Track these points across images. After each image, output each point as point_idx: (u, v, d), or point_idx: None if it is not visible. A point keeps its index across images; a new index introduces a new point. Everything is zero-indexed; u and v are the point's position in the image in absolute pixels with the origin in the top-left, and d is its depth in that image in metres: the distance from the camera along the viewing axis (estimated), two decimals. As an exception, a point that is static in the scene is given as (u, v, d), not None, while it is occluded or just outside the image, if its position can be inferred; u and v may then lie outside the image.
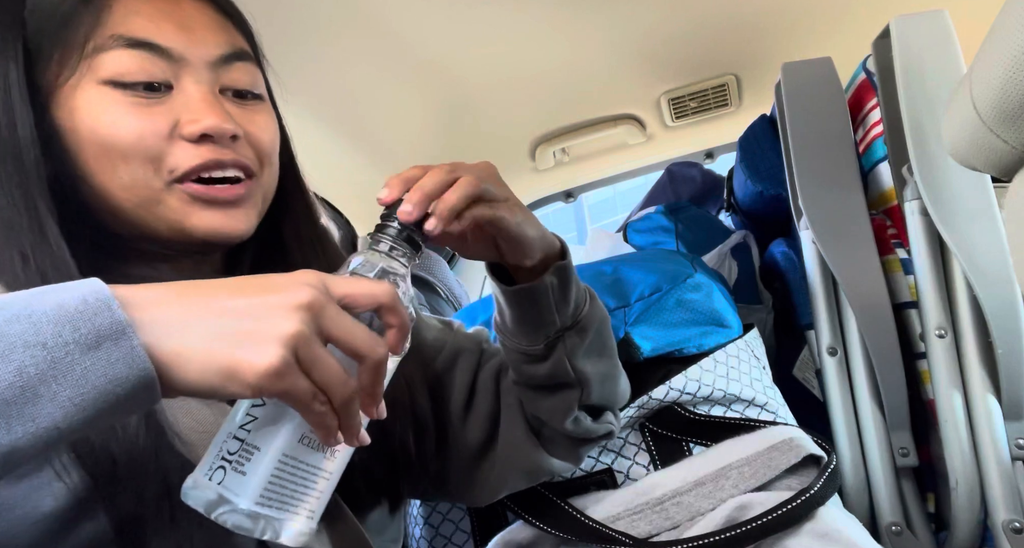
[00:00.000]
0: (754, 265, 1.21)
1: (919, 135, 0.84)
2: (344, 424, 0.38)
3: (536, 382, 0.61)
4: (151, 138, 0.48)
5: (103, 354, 0.31)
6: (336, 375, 0.36)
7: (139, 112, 0.48)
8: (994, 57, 0.43)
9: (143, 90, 0.48)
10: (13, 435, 0.29)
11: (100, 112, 0.47)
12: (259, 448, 0.38)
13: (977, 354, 0.83)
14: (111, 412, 0.32)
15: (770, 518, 0.67)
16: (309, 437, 0.40)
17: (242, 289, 0.36)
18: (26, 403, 0.30)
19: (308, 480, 0.41)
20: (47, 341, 0.31)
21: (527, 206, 0.57)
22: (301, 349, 0.35)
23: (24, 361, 0.30)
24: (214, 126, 0.49)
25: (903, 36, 0.87)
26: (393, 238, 0.45)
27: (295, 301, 0.35)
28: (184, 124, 0.49)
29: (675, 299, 0.87)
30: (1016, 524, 0.79)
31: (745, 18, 1.19)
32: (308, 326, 0.35)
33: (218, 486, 0.37)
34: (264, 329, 0.34)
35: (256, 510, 0.37)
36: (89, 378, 0.31)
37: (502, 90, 1.28)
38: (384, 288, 0.40)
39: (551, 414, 0.62)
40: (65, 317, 0.31)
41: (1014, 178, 0.48)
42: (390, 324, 0.41)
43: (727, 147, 1.63)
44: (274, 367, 0.34)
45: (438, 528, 0.85)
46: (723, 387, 0.83)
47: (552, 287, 0.56)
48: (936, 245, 0.87)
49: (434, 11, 1.01)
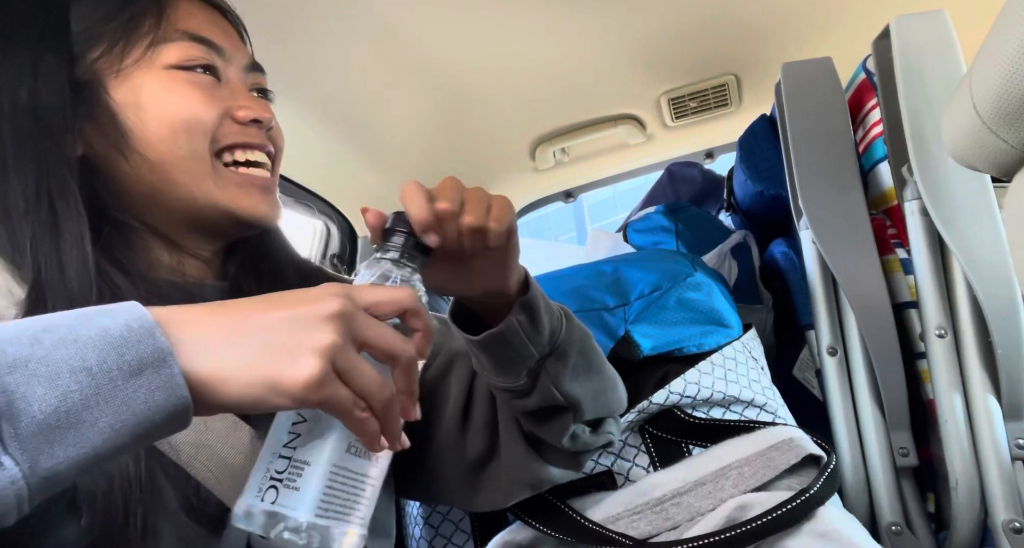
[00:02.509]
0: (754, 265, 1.21)
1: (919, 135, 0.83)
2: (386, 428, 0.40)
3: (528, 411, 0.60)
4: (210, 113, 0.54)
5: (144, 381, 0.32)
6: (374, 380, 0.38)
7: (201, 92, 0.54)
8: (994, 57, 0.43)
9: (204, 74, 0.55)
10: (54, 460, 0.30)
11: (168, 90, 0.53)
12: (309, 462, 0.39)
13: (977, 354, 0.83)
14: (145, 438, 0.33)
15: (770, 518, 0.67)
16: (355, 445, 0.41)
17: (274, 305, 0.37)
18: (69, 428, 0.30)
19: (358, 488, 0.42)
20: (92, 366, 0.31)
21: (527, 206, 0.57)
22: (338, 358, 0.36)
23: (70, 386, 0.30)
24: (262, 113, 0.57)
25: (903, 36, 0.86)
26: (402, 246, 0.45)
27: (326, 311, 0.37)
28: (236, 109, 0.56)
29: (675, 298, 0.87)
30: (1016, 524, 0.79)
31: (745, 18, 1.19)
32: (342, 335, 0.36)
33: (272, 505, 0.38)
34: (301, 341, 0.35)
35: (315, 522, 0.38)
36: (130, 405, 0.32)
37: (502, 90, 1.28)
38: (407, 293, 0.41)
39: (548, 435, 0.61)
40: (110, 343, 0.32)
41: (1014, 178, 0.48)
42: (415, 328, 0.42)
43: (727, 147, 1.63)
44: (315, 378, 0.35)
45: (438, 528, 0.85)
46: (722, 389, 0.83)
47: (521, 325, 0.55)
48: (936, 245, 0.87)
49: (434, 11, 1.01)
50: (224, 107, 0.55)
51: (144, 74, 0.53)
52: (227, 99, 0.56)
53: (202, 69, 0.55)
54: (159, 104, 0.53)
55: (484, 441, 0.65)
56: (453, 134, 1.39)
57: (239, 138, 0.56)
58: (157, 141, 0.53)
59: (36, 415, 0.29)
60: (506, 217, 0.48)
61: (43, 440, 0.30)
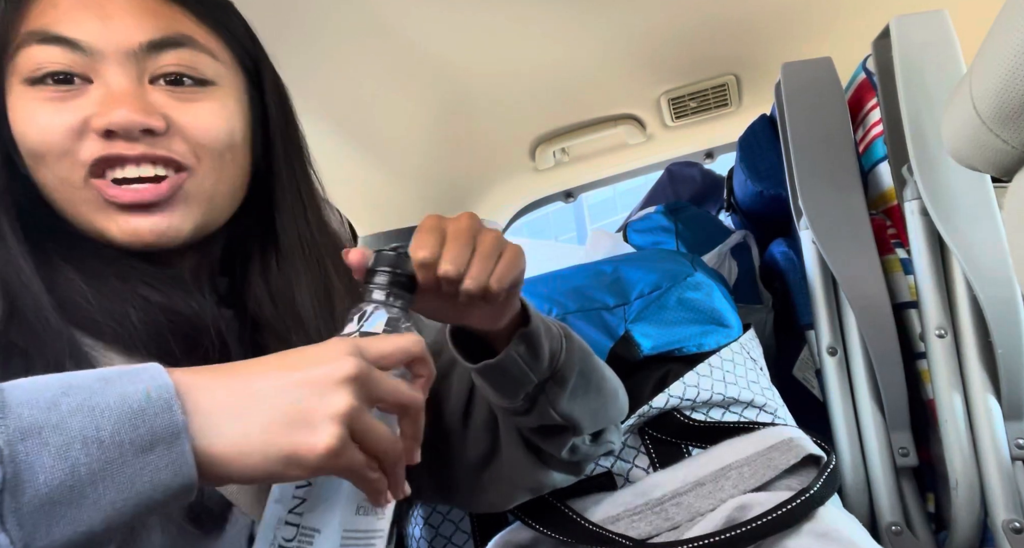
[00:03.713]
0: (754, 265, 1.21)
1: (919, 135, 0.83)
2: (392, 482, 0.39)
3: (526, 427, 0.60)
4: (59, 134, 0.46)
5: (153, 458, 0.31)
6: (388, 439, 0.37)
7: (51, 108, 0.46)
8: (994, 57, 0.43)
9: (55, 85, 0.46)
10: (50, 538, 0.29)
11: (19, 111, 0.47)
12: (319, 529, 0.39)
13: (977, 354, 0.83)
14: (143, 514, 0.32)
15: (770, 518, 0.67)
16: (363, 506, 0.41)
17: (286, 367, 0.36)
18: (70, 504, 0.29)
19: (369, 544, 0.41)
20: (105, 439, 0.30)
21: (527, 206, 0.56)
22: (354, 423, 0.35)
23: (79, 459, 0.29)
24: (119, 119, 0.46)
25: (903, 36, 0.86)
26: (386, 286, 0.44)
27: (341, 374, 0.35)
28: (92, 118, 0.46)
29: (675, 298, 0.87)
30: (1016, 524, 0.79)
31: (745, 18, 1.19)
32: (358, 399, 0.35)
33: None
34: (317, 408, 0.34)
35: None
36: (135, 483, 0.31)
37: (502, 90, 1.28)
38: (413, 340, 0.40)
39: (548, 447, 0.61)
40: (126, 414, 0.31)
41: (1014, 178, 0.48)
42: (420, 374, 0.41)
43: (727, 147, 1.63)
44: (334, 448, 0.34)
45: (438, 528, 0.85)
46: (721, 390, 0.83)
47: (520, 355, 0.52)
48: (936, 245, 0.87)
49: (435, 12, 1.01)
50: (83, 118, 0.46)
51: (11, 94, 0.47)
52: (90, 105, 0.47)
53: (59, 77, 0.46)
54: (15, 130, 0.47)
55: (485, 443, 0.64)
56: (453, 134, 1.39)
57: (101, 152, 0.46)
58: (32, 172, 0.48)
59: (40, 489, 0.28)
60: (509, 276, 0.46)
61: (43, 516, 0.28)
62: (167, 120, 0.48)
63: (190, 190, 0.50)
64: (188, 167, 0.50)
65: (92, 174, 0.47)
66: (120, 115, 0.46)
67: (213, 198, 0.52)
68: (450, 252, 0.44)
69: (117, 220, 0.48)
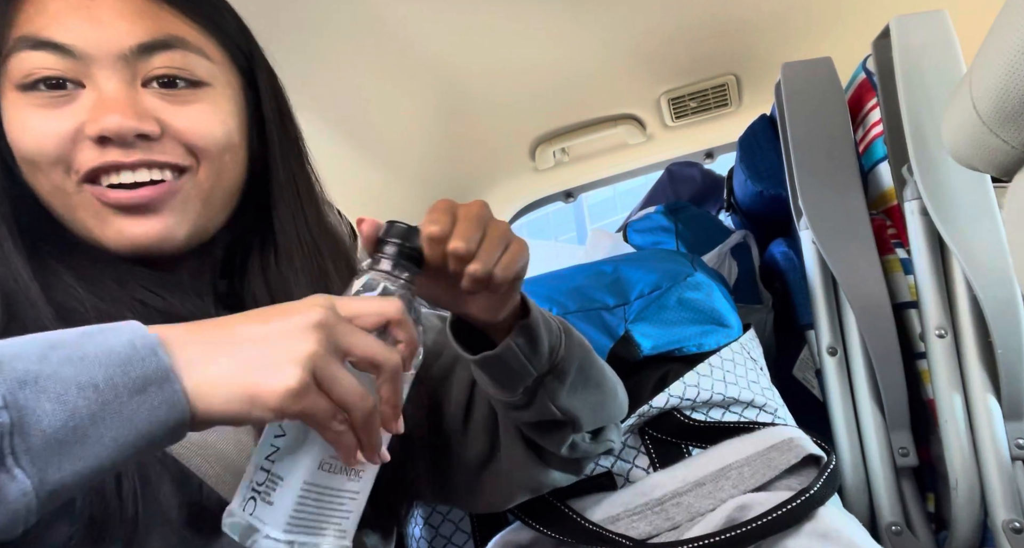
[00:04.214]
0: (754, 265, 1.21)
1: (919, 135, 0.83)
2: (364, 442, 0.39)
3: (525, 423, 0.60)
4: (53, 141, 0.46)
5: (148, 398, 0.33)
6: (355, 390, 0.37)
7: (43, 115, 0.46)
8: (994, 57, 0.43)
9: (47, 91, 0.46)
10: (62, 473, 0.30)
11: (12, 118, 0.47)
12: (283, 478, 0.39)
13: (977, 354, 0.83)
14: (145, 451, 0.33)
15: (770, 518, 0.67)
16: (329, 463, 0.41)
17: (256, 317, 0.37)
18: (76, 443, 0.31)
19: (335, 503, 0.41)
20: (99, 383, 0.32)
21: (527, 206, 0.56)
22: (319, 368, 0.36)
23: (77, 403, 0.31)
24: (113, 126, 0.45)
25: (903, 36, 0.86)
26: (394, 256, 0.44)
27: (308, 322, 0.36)
28: (85, 124, 0.46)
29: (675, 298, 0.87)
30: (1016, 524, 0.79)
31: (745, 18, 1.19)
32: (323, 345, 0.36)
33: (250, 516, 0.39)
34: (281, 352, 0.35)
35: (286, 537, 0.39)
36: (134, 421, 0.32)
37: (502, 90, 1.28)
38: (392, 304, 0.41)
39: (547, 444, 0.61)
40: (115, 361, 0.32)
41: (1014, 178, 0.48)
42: (399, 339, 0.41)
43: (727, 147, 1.63)
44: (292, 388, 0.34)
45: (438, 528, 0.85)
46: (721, 391, 0.83)
47: (520, 347, 0.52)
48: (936, 245, 0.87)
49: (434, 12, 1.01)
50: (76, 124, 0.46)
51: (3, 99, 0.47)
52: (84, 111, 0.47)
53: (51, 83, 0.46)
54: (12, 137, 0.47)
55: (485, 443, 0.64)
56: (453, 134, 1.39)
57: (93, 162, 0.46)
58: (27, 175, 0.48)
59: (46, 430, 0.30)
60: (515, 266, 0.46)
61: (52, 454, 0.30)
62: (161, 124, 0.48)
63: (188, 192, 0.50)
64: (187, 169, 0.50)
65: (87, 180, 0.47)
66: (113, 121, 0.45)
67: (210, 200, 0.52)
68: (461, 231, 0.44)
69: (113, 225, 0.48)
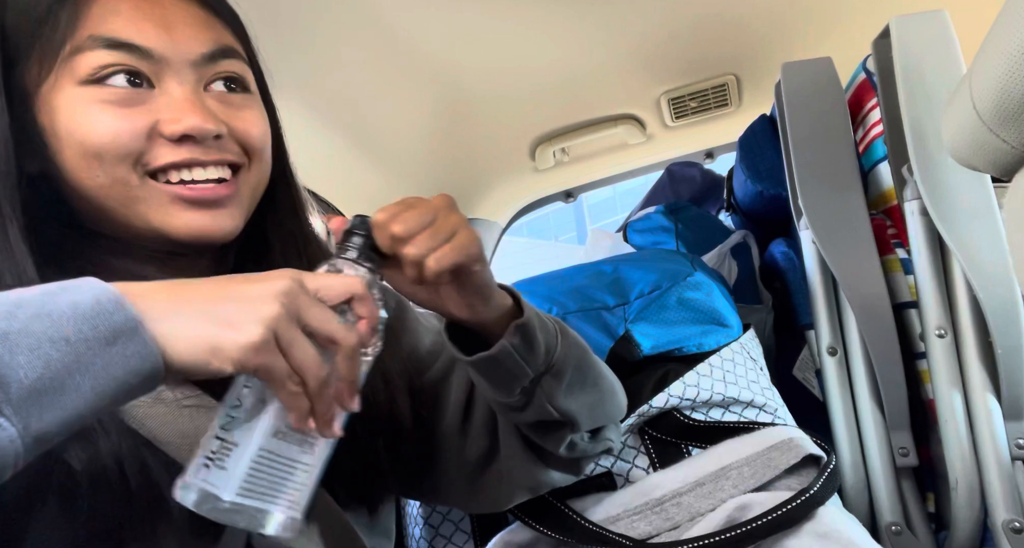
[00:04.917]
0: (754, 265, 1.21)
1: (919, 135, 0.83)
2: (317, 410, 0.41)
3: (523, 423, 0.60)
4: (128, 136, 0.48)
5: (119, 349, 0.34)
6: (312, 357, 0.39)
7: (117, 111, 0.48)
8: (994, 57, 0.43)
9: (118, 88, 0.48)
10: (44, 422, 0.32)
11: (78, 112, 0.47)
12: (237, 444, 0.41)
13: (977, 354, 0.83)
14: (123, 399, 0.35)
15: (770, 518, 0.67)
16: (284, 432, 0.42)
17: (225, 282, 0.39)
18: (54, 392, 0.32)
19: (287, 473, 0.43)
20: (70, 337, 0.33)
21: (527, 206, 0.56)
22: (280, 330, 0.38)
23: (51, 354, 0.32)
24: (196, 126, 0.49)
25: (903, 36, 0.87)
26: (358, 246, 0.47)
27: (274, 289, 0.38)
28: (165, 123, 0.49)
29: (675, 297, 0.88)
30: (1016, 524, 0.79)
31: (745, 18, 1.19)
32: (286, 309, 0.38)
33: (202, 482, 0.40)
34: (246, 311, 0.37)
35: (238, 502, 0.40)
36: (109, 370, 0.33)
37: (502, 90, 1.28)
38: (355, 281, 0.43)
39: (546, 444, 0.61)
40: (82, 316, 0.33)
41: (1014, 178, 0.48)
42: (360, 315, 0.43)
43: (727, 147, 1.63)
44: (253, 343, 0.36)
45: (438, 528, 0.85)
46: (721, 390, 0.83)
47: (515, 347, 0.53)
48: (936, 245, 0.87)
49: (434, 11, 1.01)
50: (150, 123, 0.49)
51: (59, 94, 0.48)
52: (157, 111, 0.49)
53: (124, 79, 0.48)
54: (69, 130, 0.47)
55: (484, 444, 0.64)
56: (453, 134, 1.39)
57: (171, 158, 0.49)
58: (76, 170, 0.48)
59: (23, 381, 0.31)
60: (449, 258, 0.47)
61: (32, 404, 0.31)
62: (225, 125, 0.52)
63: (241, 191, 0.54)
64: (242, 166, 0.54)
65: (150, 175, 0.50)
66: (194, 122, 0.49)
67: (255, 195, 0.56)
68: (404, 217, 0.47)
69: (181, 217, 0.50)
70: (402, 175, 1.45)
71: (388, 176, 1.41)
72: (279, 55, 0.60)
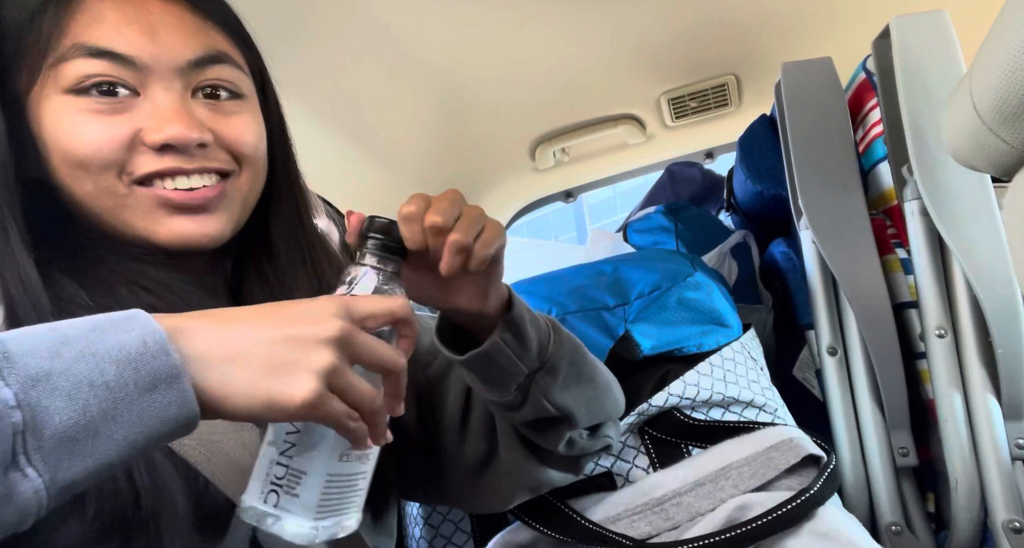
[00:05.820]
0: (754, 265, 1.21)
1: (919, 135, 0.84)
2: (373, 431, 0.42)
3: (521, 422, 0.60)
4: (111, 146, 0.48)
5: (158, 396, 0.34)
6: (366, 395, 0.40)
7: (100, 120, 0.48)
8: (994, 57, 0.43)
9: (104, 98, 0.48)
10: (73, 471, 0.31)
11: (62, 121, 0.47)
12: (305, 472, 0.42)
13: (977, 354, 0.83)
14: (154, 446, 0.35)
15: (770, 518, 0.67)
16: (346, 453, 0.44)
17: (276, 320, 0.38)
18: (87, 440, 0.32)
19: (352, 485, 0.45)
20: (110, 381, 0.32)
21: (527, 206, 0.56)
22: (333, 379, 0.38)
23: (89, 400, 0.32)
24: (177, 135, 0.48)
25: (903, 36, 0.87)
26: (378, 249, 0.47)
27: (326, 334, 0.38)
28: (147, 132, 0.48)
29: (675, 297, 0.87)
30: (1016, 524, 0.79)
31: (745, 18, 1.19)
32: (339, 357, 0.38)
33: (275, 508, 0.41)
34: (299, 361, 0.37)
35: (316, 524, 0.41)
36: (144, 419, 0.33)
37: (502, 90, 1.28)
38: (399, 303, 0.43)
39: (544, 442, 0.61)
40: (126, 358, 0.33)
41: (1014, 178, 0.48)
42: (404, 335, 0.44)
43: (727, 147, 1.63)
44: (310, 399, 0.36)
45: (438, 528, 0.85)
46: (721, 390, 0.83)
47: (507, 342, 0.53)
48: (936, 245, 0.87)
49: (434, 11, 1.01)
50: (133, 131, 0.48)
51: (45, 102, 0.48)
52: (141, 119, 0.49)
53: (107, 87, 0.47)
54: (55, 139, 0.47)
55: (483, 444, 0.64)
56: (453, 134, 1.39)
57: (154, 167, 0.49)
58: (64, 178, 0.48)
59: (58, 428, 0.31)
60: (494, 243, 0.47)
61: (63, 452, 0.31)
62: (211, 133, 0.51)
63: (232, 194, 0.53)
64: (231, 173, 0.53)
65: (138, 182, 0.49)
66: (176, 131, 0.48)
67: (246, 202, 0.55)
68: (436, 207, 0.46)
69: (167, 224, 0.50)
70: (402, 175, 1.45)
71: (388, 176, 1.41)
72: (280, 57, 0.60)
